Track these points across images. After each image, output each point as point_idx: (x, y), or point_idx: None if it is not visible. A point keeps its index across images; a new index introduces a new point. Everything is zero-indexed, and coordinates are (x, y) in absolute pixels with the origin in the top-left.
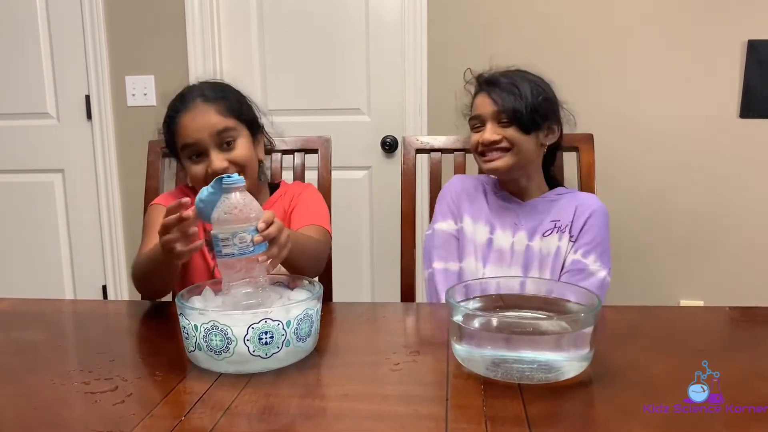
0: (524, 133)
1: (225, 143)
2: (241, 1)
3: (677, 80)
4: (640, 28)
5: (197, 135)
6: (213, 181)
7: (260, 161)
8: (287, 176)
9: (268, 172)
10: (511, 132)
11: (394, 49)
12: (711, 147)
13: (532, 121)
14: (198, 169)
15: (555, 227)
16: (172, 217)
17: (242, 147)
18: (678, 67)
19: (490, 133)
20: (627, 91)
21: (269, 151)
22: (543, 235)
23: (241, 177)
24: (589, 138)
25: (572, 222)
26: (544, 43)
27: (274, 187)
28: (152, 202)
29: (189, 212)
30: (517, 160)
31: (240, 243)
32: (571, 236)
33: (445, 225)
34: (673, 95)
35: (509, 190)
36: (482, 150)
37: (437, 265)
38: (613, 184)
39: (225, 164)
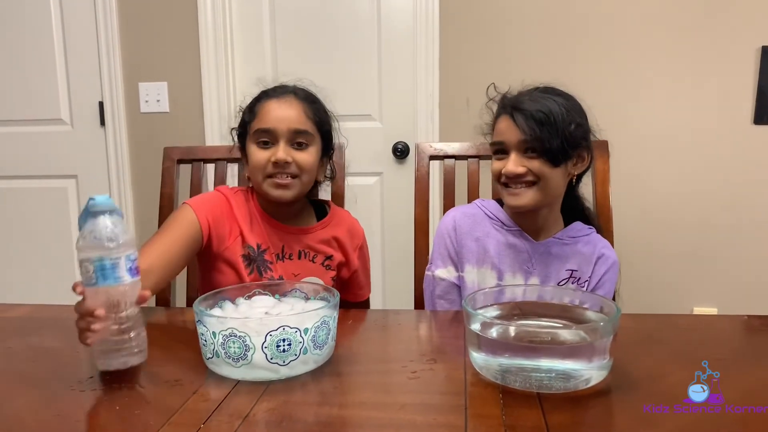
0: (553, 166)
1: (297, 143)
2: (254, 8)
3: (691, 86)
4: (654, 34)
5: (276, 123)
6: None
7: (317, 181)
8: None
9: None
10: (538, 165)
11: (405, 55)
12: (725, 153)
13: (562, 153)
14: (262, 155)
15: (571, 277)
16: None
17: (309, 154)
18: (692, 73)
19: (515, 164)
20: (641, 98)
21: (329, 179)
22: (558, 284)
23: (109, 199)
24: (603, 145)
25: (591, 277)
26: (556, 49)
27: (319, 206)
28: (186, 201)
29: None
30: (544, 196)
31: (85, 273)
32: (587, 290)
33: (444, 272)
34: (687, 101)
35: (523, 225)
36: (505, 181)
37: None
38: (626, 190)
39: (289, 158)
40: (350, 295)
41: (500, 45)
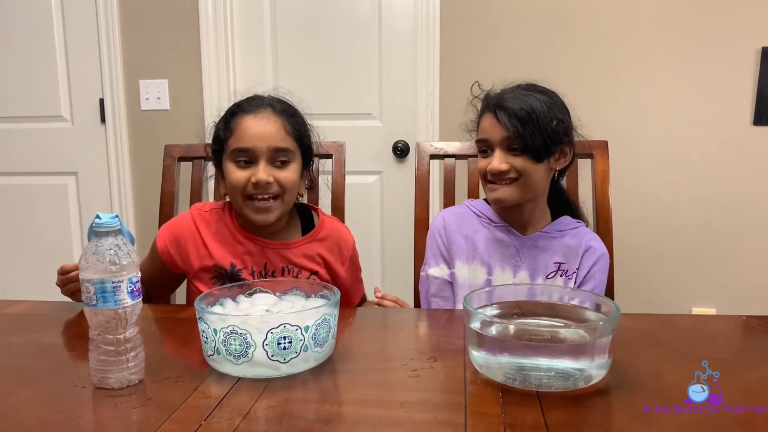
0: (535, 162)
1: (278, 161)
2: (255, 7)
3: (691, 87)
4: (654, 35)
5: (255, 142)
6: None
7: (299, 194)
8: None
9: None
10: (521, 161)
11: (406, 54)
12: (724, 154)
13: (544, 149)
14: (241, 175)
15: (559, 270)
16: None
17: (292, 172)
18: (692, 74)
19: (499, 161)
20: (641, 98)
21: (309, 189)
22: (546, 277)
23: (114, 219)
24: (603, 145)
25: (578, 269)
26: (556, 50)
27: (306, 213)
28: (160, 231)
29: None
30: (525, 192)
31: (86, 292)
32: (575, 283)
33: (437, 271)
34: (687, 102)
35: (509, 220)
36: (490, 179)
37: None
38: (626, 190)
39: (270, 179)
40: (342, 304)
41: (501, 45)
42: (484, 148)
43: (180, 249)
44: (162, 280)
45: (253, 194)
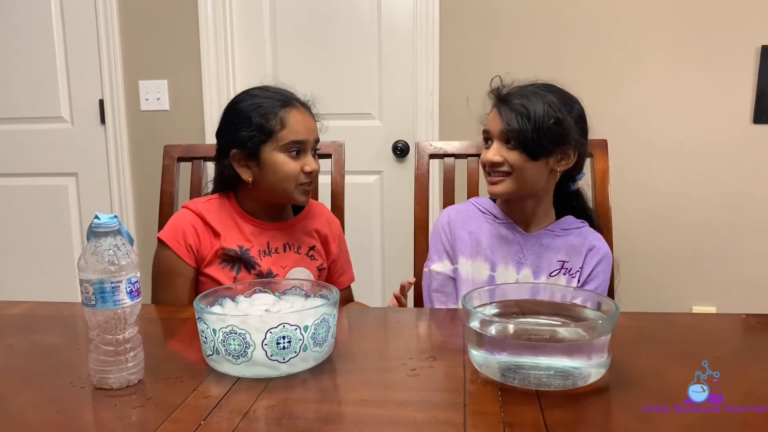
0: (530, 159)
1: (315, 151)
2: (254, 7)
3: (691, 86)
4: (654, 33)
5: (307, 135)
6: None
7: None
8: None
9: None
10: (515, 156)
11: (406, 54)
12: (724, 152)
13: (539, 147)
14: (295, 165)
15: (562, 268)
16: None
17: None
18: (691, 72)
19: (493, 153)
20: (640, 97)
21: None
22: (550, 275)
23: (113, 219)
24: (603, 144)
25: (582, 268)
26: (556, 49)
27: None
28: (162, 238)
29: None
30: (519, 187)
31: (84, 293)
32: (578, 281)
33: (440, 266)
34: (686, 101)
35: (513, 217)
36: (488, 170)
37: (438, 305)
38: (625, 189)
39: (318, 168)
40: (332, 282)
41: (501, 44)
42: (486, 138)
43: (196, 240)
44: (197, 288)
45: (304, 182)
